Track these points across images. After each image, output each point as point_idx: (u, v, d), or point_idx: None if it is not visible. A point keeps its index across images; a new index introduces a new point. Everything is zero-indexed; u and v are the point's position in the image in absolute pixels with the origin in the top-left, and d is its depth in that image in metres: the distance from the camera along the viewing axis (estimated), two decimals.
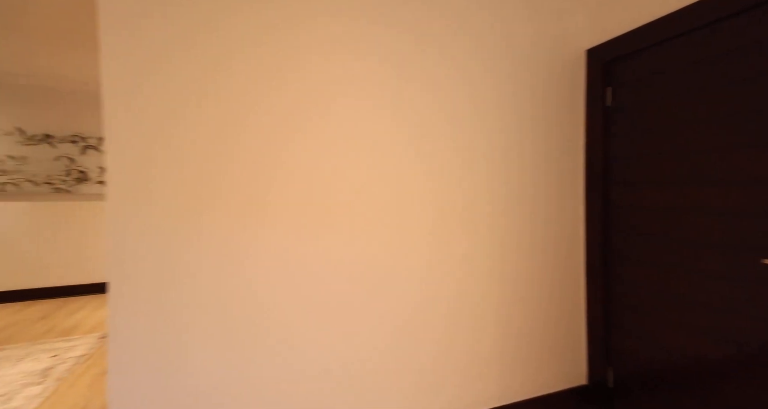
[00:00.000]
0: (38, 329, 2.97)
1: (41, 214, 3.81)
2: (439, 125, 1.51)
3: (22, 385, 2.07)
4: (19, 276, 3.72)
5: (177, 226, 1.22)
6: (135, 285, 1.17)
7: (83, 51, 2.91)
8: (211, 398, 1.24)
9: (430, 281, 1.53)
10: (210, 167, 1.25)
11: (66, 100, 3.87)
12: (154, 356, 1.19)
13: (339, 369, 1.39)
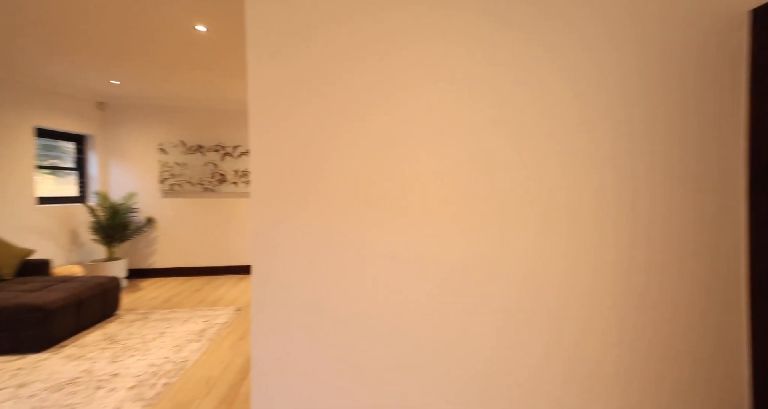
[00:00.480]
0: (194, 299, 3.75)
1: (195, 208, 4.80)
2: (558, 104, 1.35)
3: (187, 340, 2.65)
4: (182, 257, 4.77)
5: (303, 217, 1.37)
6: (272, 265, 1.36)
7: (228, 78, 3.57)
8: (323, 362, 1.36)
9: (531, 285, 1.39)
10: (325, 168, 1.37)
11: (212, 117, 4.79)
12: (284, 322, 1.37)
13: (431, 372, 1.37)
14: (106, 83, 3.90)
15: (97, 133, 4.55)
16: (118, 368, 2.23)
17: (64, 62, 3.24)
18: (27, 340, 2.43)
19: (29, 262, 3.19)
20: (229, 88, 4.00)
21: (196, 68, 3.35)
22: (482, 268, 1.38)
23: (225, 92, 4.15)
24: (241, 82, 3.82)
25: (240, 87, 3.99)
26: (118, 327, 2.91)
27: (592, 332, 1.41)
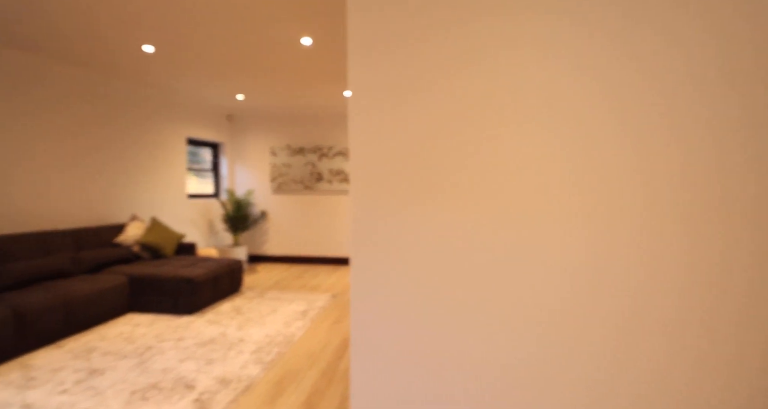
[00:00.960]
0: (297, 284, 4.23)
1: (297, 204, 5.41)
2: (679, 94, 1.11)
3: (293, 318, 3.01)
4: (287, 246, 5.43)
5: (399, 210, 1.42)
6: (370, 257, 1.45)
7: (325, 85, 3.93)
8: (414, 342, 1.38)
9: (646, 287, 1.16)
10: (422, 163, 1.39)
11: (311, 122, 5.33)
12: (381, 311, 1.44)
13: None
14: (233, 99, 4.68)
15: (226, 140, 5.51)
16: (243, 334, 2.67)
17: (203, 84, 4.01)
18: (181, 304, 3.10)
19: (182, 244, 4.05)
20: (325, 95, 4.39)
21: (300, 78, 3.76)
22: (593, 265, 1.22)
23: (322, 98, 4.56)
24: (336, 88, 4.14)
25: (335, 93, 4.33)
26: (242, 301, 3.48)
27: (719, 340, 1.13)
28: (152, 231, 3.76)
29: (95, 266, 3.19)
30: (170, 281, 3.10)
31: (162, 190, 4.47)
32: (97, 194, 3.73)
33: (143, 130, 4.24)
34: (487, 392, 1.36)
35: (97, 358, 2.28)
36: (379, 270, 1.44)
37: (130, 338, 2.61)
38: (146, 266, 3.35)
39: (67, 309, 2.57)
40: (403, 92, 1.45)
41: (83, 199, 3.59)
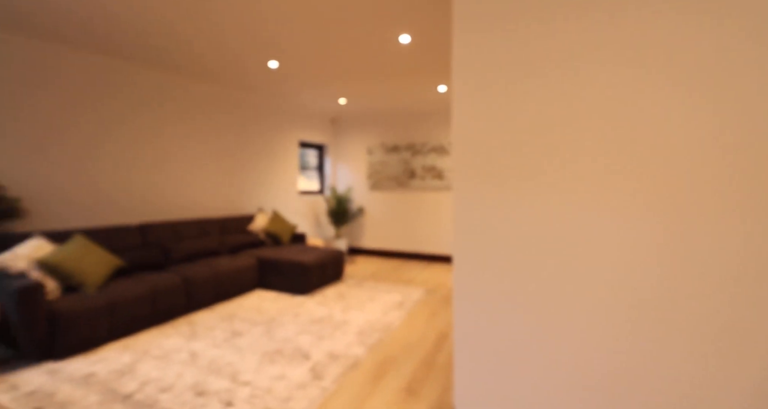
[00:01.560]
0: (392, 276, 4.39)
1: (391, 200, 5.61)
2: None
3: (390, 308, 3.14)
4: (382, 241, 5.69)
5: (505, 203, 1.34)
6: (473, 252, 1.41)
7: (420, 83, 3.99)
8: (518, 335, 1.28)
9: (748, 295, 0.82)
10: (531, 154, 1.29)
11: (405, 120, 5.46)
12: (484, 306, 1.38)
13: None
14: (336, 103, 5.12)
15: (330, 142, 6.07)
16: (347, 317, 2.91)
17: (313, 91, 4.48)
18: (296, 285, 3.54)
19: (295, 234, 4.63)
20: (420, 92, 4.43)
21: (396, 77, 3.88)
22: (693, 267, 0.96)
23: (417, 96, 4.62)
24: (430, 84, 4.14)
25: (430, 89, 4.33)
26: (344, 288, 3.79)
27: None
28: (273, 222, 4.39)
29: (234, 248, 3.89)
30: (288, 264, 3.58)
31: (280, 187, 5.19)
32: (235, 190, 4.54)
33: (266, 135, 4.98)
34: (595, 393, 1.19)
35: (237, 323, 2.79)
36: (482, 263, 1.39)
37: (260, 309, 3.10)
38: (269, 250, 3.94)
39: (217, 281, 3.20)
40: (515, 74, 1.36)
41: (225, 194, 4.42)
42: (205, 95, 4.13)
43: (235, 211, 4.53)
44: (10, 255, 2.23)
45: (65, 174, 3.07)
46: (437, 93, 4.52)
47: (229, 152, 4.45)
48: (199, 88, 4.05)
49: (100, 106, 3.27)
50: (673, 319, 1.10)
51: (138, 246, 3.16)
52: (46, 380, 1.93)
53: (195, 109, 4.04)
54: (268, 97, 4.80)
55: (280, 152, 5.18)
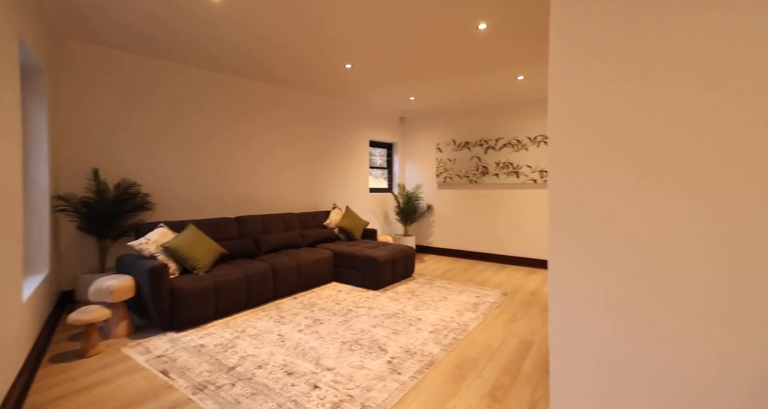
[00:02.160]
0: (464, 276, 4.24)
1: (462, 198, 5.43)
2: None
3: (464, 308, 3.02)
4: (451, 240, 5.54)
5: (609, 201, 1.18)
6: (571, 255, 1.26)
7: (500, 72, 3.78)
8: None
9: None
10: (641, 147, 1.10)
11: (476, 115, 5.23)
12: (583, 313, 1.23)
13: None
14: (406, 101, 5.13)
15: (398, 140, 6.12)
16: (420, 314, 2.88)
17: (383, 90, 4.55)
18: (368, 280, 3.64)
19: (366, 230, 4.76)
20: (496, 83, 4.19)
21: (471, 68, 3.73)
22: None
23: (492, 88, 4.37)
24: (509, 73, 3.88)
25: (508, 78, 4.07)
26: (415, 285, 3.78)
27: None
28: (347, 218, 4.58)
29: (313, 241, 4.16)
30: (361, 258, 3.69)
31: (351, 185, 5.39)
32: (312, 187, 4.85)
33: (339, 137, 5.22)
34: None
35: (317, 311, 2.96)
36: (583, 267, 1.23)
37: (336, 300, 3.26)
38: (343, 245, 4.12)
39: (298, 271, 3.45)
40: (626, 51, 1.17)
41: (304, 191, 4.75)
42: (289, 102, 4.49)
43: (312, 207, 4.83)
44: (143, 240, 2.69)
45: (177, 175, 3.60)
46: (515, 83, 4.23)
47: (308, 153, 4.77)
48: (285, 96, 4.42)
49: (203, 115, 3.77)
50: None
51: (236, 236, 3.57)
52: (168, 347, 2.28)
53: (281, 116, 4.42)
54: (342, 100, 5.02)
55: (351, 152, 5.38)
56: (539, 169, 4.68)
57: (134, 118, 3.34)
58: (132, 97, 3.31)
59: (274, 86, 4.31)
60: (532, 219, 4.76)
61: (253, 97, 4.14)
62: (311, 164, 4.82)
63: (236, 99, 3.99)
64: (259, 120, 4.21)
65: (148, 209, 3.29)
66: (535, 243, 4.73)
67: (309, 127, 4.77)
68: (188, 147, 3.66)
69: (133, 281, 2.54)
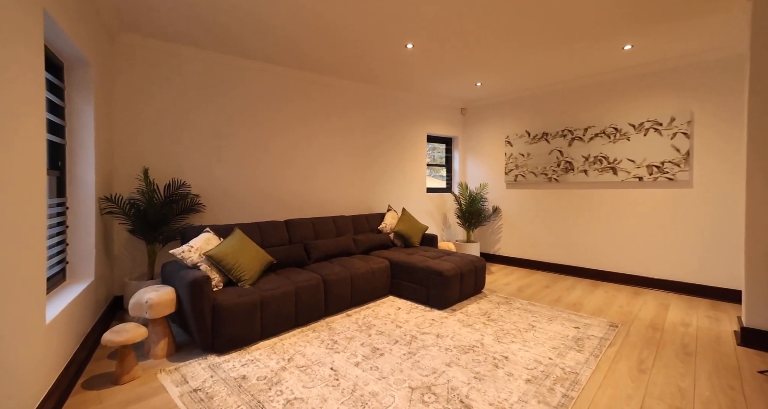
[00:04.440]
0: (548, 296, 3.47)
1: (538, 200, 4.61)
2: None
3: (564, 345, 2.32)
4: (524, 248, 4.74)
5: None
6: None
7: (596, 43, 2.98)
8: None
9: None
10: None
11: (557, 101, 4.38)
12: None
13: None
14: (470, 87, 4.46)
15: (459, 134, 5.45)
16: (505, 350, 2.25)
17: (445, 75, 3.93)
18: (433, 297, 3.07)
19: (425, 235, 4.19)
20: (588, 58, 3.35)
21: (557, 36, 2.97)
22: None
23: (581, 65, 3.53)
24: (611, 44, 3.04)
25: (608, 51, 3.22)
26: (488, 306, 3.13)
27: None
28: (403, 221, 4.06)
29: (366, 248, 3.70)
30: (423, 271, 3.14)
31: (407, 184, 4.86)
32: (365, 188, 4.41)
33: (394, 130, 4.71)
34: None
35: (375, 335, 2.47)
36: None
37: (396, 320, 2.74)
38: (400, 253, 3.60)
39: (352, 283, 3.00)
40: None
41: (357, 191, 4.32)
42: (342, 94, 4.10)
43: (365, 209, 4.39)
44: (187, 247, 2.42)
45: (232, 175, 3.36)
46: (619, 55, 3.35)
47: (361, 151, 4.34)
48: (337, 87, 4.03)
49: (261, 116, 3.50)
50: None
51: (284, 242, 3.23)
52: (207, 377, 1.94)
53: (333, 109, 4.03)
54: (397, 90, 4.50)
55: (407, 147, 4.85)
56: (647, 163, 3.72)
57: (192, 117, 3.15)
58: (190, 94, 3.13)
59: (323, 76, 3.92)
60: (636, 226, 3.81)
61: (309, 91, 3.80)
62: (364, 163, 4.38)
63: (300, 96, 3.68)
64: (319, 132, 3.86)
65: (198, 211, 3.08)
66: (642, 256, 3.77)
67: (361, 122, 4.33)
68: (248, 148, 3.42)
69: (175, 294, 2.27)
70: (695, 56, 3.33)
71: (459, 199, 5.02)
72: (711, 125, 3.34)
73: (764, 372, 1.95)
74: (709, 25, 2.72)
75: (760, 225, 2.25)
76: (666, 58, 3.46)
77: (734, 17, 2.58)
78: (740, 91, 3.15)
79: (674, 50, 3.25)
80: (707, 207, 3.37)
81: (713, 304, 3.20)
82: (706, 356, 2.17)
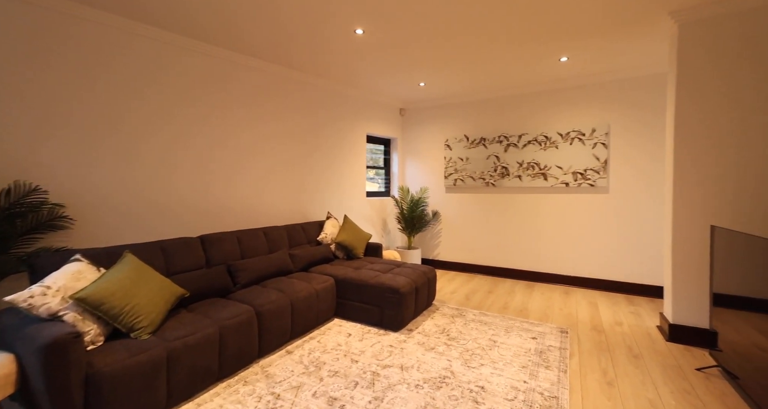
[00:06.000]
0: (495, 302, 3.45)
1: (476, 204, 4.66)
2: None
3: (531, 362, 2.21)
4: (463, 252, 4.75)
5: None
6: None
7: (536, 51, 3.02)
8: None
9: None
10: None
11: (497, 107, 4.48)
12: None
13: None
14: (415, 86, 4.26)
15: (398, 135, 5.23)
16: (478, 377, 2.03)
17: (391, 71, 3.65)
18: (387, 318, 2.72)
19: (369, 244, 3.83)
20: (528, 67, 3.44)
21: (501, 42, 2.93)
22: None
23: (520, 73, 3.62)
24: (548, 54, 3.13)
25: (545, 61, 3.32)
26: (443, 320, 2.92)
27: None
28: (346, 230, 3.63)
29: (306, 264, 3.16)
30: (375, 288, 2.77)
31: (347, 188, 4.43)
32: (301, 192, 3.83)
33: (334, 129, 4.23)
34: None
35: (328, 378, 2.00)
36: None
37: (349, 352, 2.32)
38: (345, 267, 3.16)
39: (294, 311, 2.47)
40: None
41: (291, 197, 3.72)
42: (274, 79, 3.45)
43: (300, 217, 3.82)
44: (39, 289, 1.59)
45: (118, 177, 2.46)
46: (555, 66, 3.50)
47: (296, 147, 3.75)
48: (273, 75, 3.36)
49: (146, 93, 2.65)
50: None
51: (200, 265, 2.50)
52: None
53: (267, 108, 3.36)
54: (337, 82, 4.03)
55: (346, 147, 4.42)
56: (572, 170, 4.01)
57: (55, 95, 2.18)
58: (32, 56, 2.14)
59: (254, 58, 3.24)
60: (564, 229, 4.08)
61: (225, 70, 3.06)
62: (300, 163, 3.80)
63: (200, 70, 2.90)
64: (240, 98, 3.13)
65: (61, 228, 2.16)
66: (569, 257, 4.05)
67: (298, 116, 3.75)
68: (126, 143, 2.52)
69: (16, 365, 1.45)
70: (618, 73, 3.67)
71: (400, 203, 4.80)
72: (625, 137, 3.73)
73: (701, 369, 2.12)
74: (636, 45, 2.97)
75: (683, 231, 2.49)
76: (594, 73, 3.75)
77: (658, 40, 2.85)
78: (652, 108, 3.57)
79: (602, 66, 3.52)
80: (621, 211, 3.76)
81: (628, 298, 3.57)
82: (650, 357, 2.30)
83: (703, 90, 2.40)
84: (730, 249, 1.98)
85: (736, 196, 2.31)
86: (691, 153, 2.45)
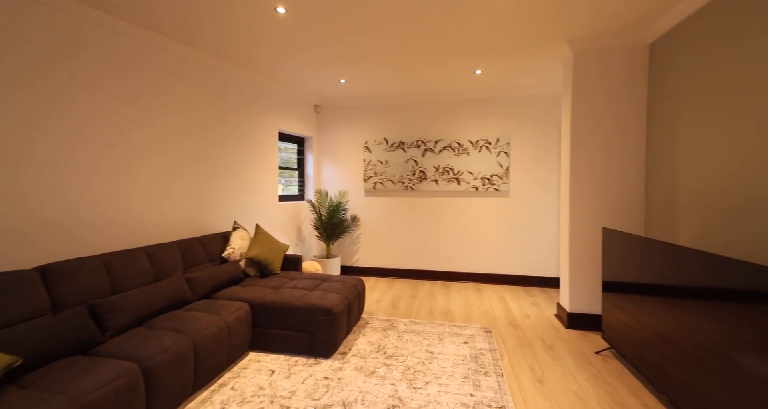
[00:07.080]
0: (421, 307, 3.45)
1: (396, 207, 4.64)
2: None
3: (471, 370, 2.21)
4: (382, 257, 4.68)
5: None
6: None
7: (456, 61, 3.11)
8: None
9: None
10: None
11: (415, 112, 4.53)
12: None
13: None
14: (335, 83, 3.96)
15: (314, 134, 4.83)
16: (426, 400, 1.90)
17: (313, 62, 3.29)
18: (318, 343, 2.39)
19: (287, 257, 3.37)
20: (446, 76, 3.56)
21: (423, 50, 2.95)
22: None
23: (436, 81, 3.74)
24: (465, 65, 3.30)
25: (462, 71, 3.49)
26: (376, 336, 2.74)
27: None
28: (259, 242, 3.09)
29: (210, 289, 2.54)
30: (304, 311, 2.40)
31: (255, 192, 3.83)
32: (198, 199, 3.10)
33: (241, 123, 3.59)
34: None
35: None
36: None
37: (276, 397, 1.91)
38: (261, 288, 2.68)
39: (197, 355, 1.90)
40: None
41: (185, 204, 2.97)
42: (172, 62, 2.65)
43: (197, 230, 3.09)
44: None
45: None
46: (470, 78, 3.70)
47: (191, 142, 3.00)
48: (169, 53, 2.56)
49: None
50: None
51: (41, 311, 1.70)
52: None
53: (155, 93, 2.54)
54: (250, 69, 3.41)
55: (255, 145, 3.82)
56: (481, 176, 4.34)
57: None
58: None
59: (141, 29, 2.42)
60: (474, 230, 4.39)
61: (106, 44, 2.18)
62: (195, 161, 3.07)
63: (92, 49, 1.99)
64: (118, 97, 2.27)
65: None
66: (478, 256, 4.38)
67: (198, 107, 3.01)
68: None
69: None
70: (521, 90, 4.11)
71: (318, 208, 4.42)
72: (522, 147, 4.21)
73: (599, 352, 2.47)
74: (539, 66, 3.33)
75: (579, 232, 2.89)
76: (503, 88, 4.11)
77: (557, 63, 3.25)
78: (546, 122, 4.10)
79: (510, 82, 3.88)
80: (519, 212, 4.25)
81: (526, 290, 4.05)
82: (560, 346, 2.58)
83: (592, 107, 2.83)
84: (612, 245, 2.36)
85: (621, 197, 2.80)
86: (585, 159, 2.85)
